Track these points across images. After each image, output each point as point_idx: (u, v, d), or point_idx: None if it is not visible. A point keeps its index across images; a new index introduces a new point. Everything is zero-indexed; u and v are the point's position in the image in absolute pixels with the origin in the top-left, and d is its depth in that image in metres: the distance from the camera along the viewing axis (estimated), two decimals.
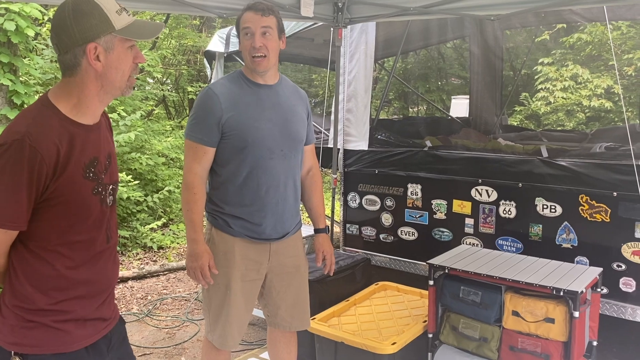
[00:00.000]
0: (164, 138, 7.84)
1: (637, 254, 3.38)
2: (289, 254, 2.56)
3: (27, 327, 1.52)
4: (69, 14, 1.48)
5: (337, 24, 4.31)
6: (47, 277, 1.53)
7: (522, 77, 9.69)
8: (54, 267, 1.53)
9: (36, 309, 1.53)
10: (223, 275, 2.43)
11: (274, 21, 2.36)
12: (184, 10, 3.56)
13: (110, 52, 1.52)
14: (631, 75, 7.89)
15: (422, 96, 11.25)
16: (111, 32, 1.51)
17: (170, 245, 6.24)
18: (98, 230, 1.61)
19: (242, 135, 2.35)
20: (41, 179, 1.44)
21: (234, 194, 2.42)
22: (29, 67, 5.22)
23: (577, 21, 6.23)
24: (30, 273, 1.52)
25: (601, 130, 5.30)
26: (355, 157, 4.62)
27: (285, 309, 2.61)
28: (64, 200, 1.50)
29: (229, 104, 2.35)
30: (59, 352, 1.55)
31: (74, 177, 1.51)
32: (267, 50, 2.33)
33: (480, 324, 2.97)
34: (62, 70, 1.54)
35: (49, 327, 1.54)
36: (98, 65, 1.51)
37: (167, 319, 4.35)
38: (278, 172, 2.43)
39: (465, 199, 4.03)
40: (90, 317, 1.62)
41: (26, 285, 1.52)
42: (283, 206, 2.47)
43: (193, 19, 10.79)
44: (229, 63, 5.62)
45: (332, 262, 2.71)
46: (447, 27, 5.83)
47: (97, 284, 1.64)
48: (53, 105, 1.52)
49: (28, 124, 1.46)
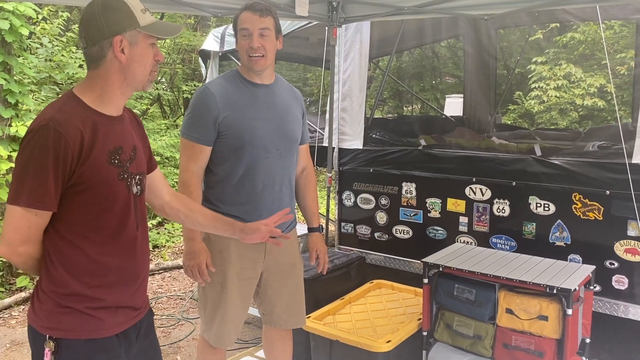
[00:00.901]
0: (159, 137, 7.83)
1: (629, 251, 3.41)
2: (285, 252, 2.56)
3: (62, 313, 1.59)
4: (98, 8, 1.58)
5: (332, 23, 4.32)
6: (79, 262, 1.59)
7: (515, 76, 9.72)
8: (84, 252, 1.59)
9: (70, 293, 1.59)
10: (219, 274, 2.44)
11: (272, 22, 2.37)
12: (179, 9, 3.56)
13: (134, 46, 1.61)
14: (624, 74, 7.93)
15: (416, 95, 11.27)
16: (136, 28, 1.61)
17: (165, 244, 6.23)
18: (126, 217, 1.67)
19: (239, 134, 2.36)
20: (67, 163, 1.51)
21: (230, 193, 2.43)
22: (24, 66, 5.19)
23: (570, 20, 6.27)
24: (63, 258, 1.58)
25: (594, 129, 5.32)
26: (350, 156, 4.63)
27: (281, 307, 2.62)
28: (91, 185, 1.56)
29: (225, 103, 2.36)
30: (92, 337, 1.61)
31: (99, 162, 1.57)
32: (264, 51, 2.35)
33: (475, 321, 2.99)
34: (88, 63, 1.63)
35: (83, 313, 1.60)
36: (123, 57, 1.60)
37: (163, 318, 4.35)
38: (274, 171, 2.44)
39: (460, 198, 4.05)
40: (122, 305, 1.68)
41: (60, 270, 1.58)
42: (279, 205, 2.47)
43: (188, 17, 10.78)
44: (224, 62, 5.62)
45: (325, 261, 2.72)
46: (441, 26, 5.85)
47: (128, 271, 1.69)
48: (77, 97, 1.60)
49: (54, 112, 1.54)
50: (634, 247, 3.38)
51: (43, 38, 6.41)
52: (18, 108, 5.06)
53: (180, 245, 6.26)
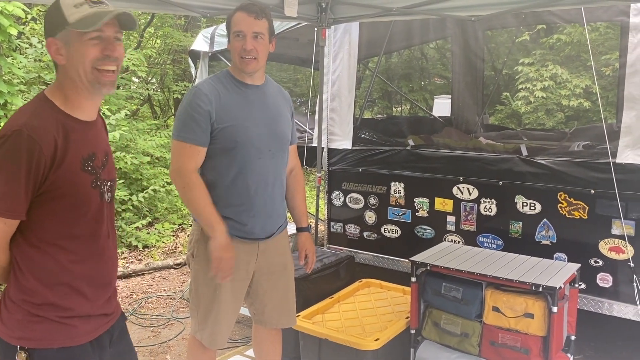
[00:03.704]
0: (149, 137, 7.81)
1: (613, 250, 3.46)
2: (276, 253, 2.58)
3: (34, 322, 1.54)
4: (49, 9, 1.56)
5: (321, 24, 4.35)
6: (51, 271, 1.55)
7: (503, 77, 9.80)
8: (57, 260, 1.55)
9: (42, 302, 1.55)
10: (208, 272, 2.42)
11: (266, 25, 2.36)
12: (169, 10, 3.57)
13: (69, 46, 1.53)
14: (609, 75, 8.02)
15: (405, 96, 11.34)
16: (65, 27, 1.52)
17: (155, 244, 6.23)
18: (99, 225, 1.64)
19: (231, 136, 2.35)
20: (39, 169, 1.47)
21: (222, 195, 2.40)
22: (13, 66, 5.17)
23: (556, 22, 6.33)
24: (34, 267, 1.54)
25: (579, 129, 5.40)
26: (339, 156, 4.66)
27: (272, 307, 2.64)
28: (63, 193, 1.52)
29: (218, 104, 2.33)
30: (65, 346, 1.58)
31: (72, 169, 1.53)
32: (257, 53, 2.34)
33: (462, 319, 3.03)
34: None
35: (55, 322, 1.56)
36: (61, 59, 1.55)
37: (152, 318, 4.36)
38: (266, 172, 2.44)
39: (447, 197, 4.09)
40: (95, 313, 1.65)
41: (31, 279, 1.54)
42: (271, 206, 2.49)
43: (178, 18, 10.75)
44: (214, 62, 5.62)
45: (312, 261, 2.73)
46: (429, 27, 5.89)
47: (100, 278, 1.67)
48: (50, 100, 1.55)
49: (26, 117, 1.49)
50: (618, 245, 3.44)
51: (32, 38, 6.38)
52: (7, 108, 5.04)
53: (170, 246, 6.26)
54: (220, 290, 2.43)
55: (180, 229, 6.84)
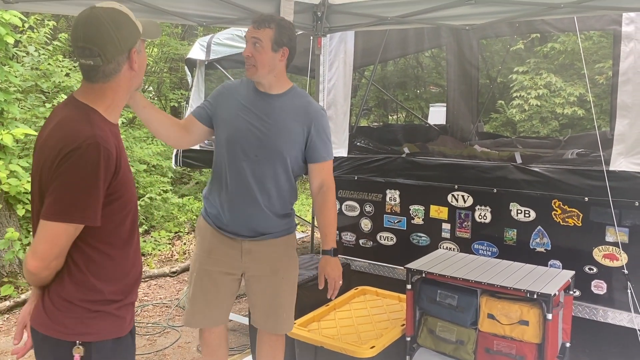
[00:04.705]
0: (146, 145, 7.82)
1: (608, 257, 3.48)
2: (266, 256, 2.60)
3: (92, 317, 1.64)
4: (110, 26, 1.60)
5: (317, 33, 4.37)
6: (107, 267, 1.65)
7: (497, 85, 9.85)
8: (111, 257, 1.65)
9: (101, 298, 1.65)
10: (195, 259, 2.68)
11: (267, 34, 2.43)
12: (165, 19, 3.58)
13: (139, 53, 1.69)
14: (602, 84, 8.07)
15: (400, 104, 11.38)
16: (139, 37, 1.67)
17: (151, 252, 6.22)
18: (136, 219, 1.75)
19: (220, 130, 2.54)
20: (108, 177, 1.57)
21: (213, 184, 2.61)
22: (9, 74, 5.18)
23: (549, 31, 6.38)
24: (93, 266, 1.63)
25: (573, 137, 5.42)
26: (335, 164, 4.65)
27: (260, 310, 2.68)
28: (120, 196, 1.63)
29: (225, 97, 2.56)
30: (118, 336, 1.70)
31: (126, 172, 1.65)
32: (254, 60, 2.44)
33: (457, 327, 3.04)
34: (97, 77, 1.63)
35: (111, 315, 1.67)
36: (136, 66, 1.68)
37: (148, 326, 4.35)
38: (248, 174, 2.50)
39: (442, 205, 4.11)
40: (133, 301, 1.77)
41: (89, 277, 1.62)
42: (254, 208, 2.53)
43: (175, 27, 10.79)
44: (210, 71, 5.65)
45: (334, 288, 2.63)
46: (424, 36, 5.92)
47: (138, 268, 1.78)
48: (96, 110, 1.64)
49: (91, 127, 1.57)
50: (612, 252, 3.46)
51: (29, 46, 6.39)
52: (3, 116, 5.05)
53: (167, 254, 6.26)
54: (196, 272, 2.65)
55: (176, 237, 6.84)
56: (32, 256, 1.56)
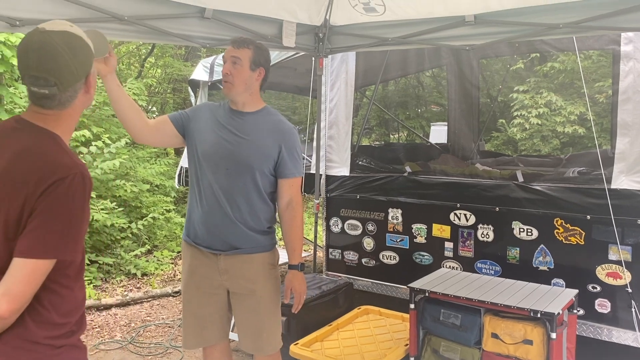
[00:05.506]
0: (149, 165, 7.85)
1: (611, 275, 3.48)
2: (243, 275, 2.60)
3: (58, 353, 1.54)
4: (66, 53, 1.47)
5: (319, 54, 4.42)
6: (69, 300, 1.57)
7: (498, 104, 9.90)
8: (71, 289, 1.57)
9: (65, 332, 1.56)
10: (182, 281, 2.77)
11: (247, 53, 2.53)
12: (169, 40, 3.63)
13: (93, 74, 1.61)
14: (602, 102, 8.11)
15: (402, 123, 11.42)
16: (93, 58, 1.59)
17: (154, 272, 6.21)
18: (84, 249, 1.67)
19: (194, 144, 2.59)
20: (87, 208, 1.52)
21: (190, 199, 2.67)
22: (15, 95, 5.24)
23: (549, 51, 6.44)
24: (56, 301, 1.52)
25: (575, 155, 5.44)
26: (337, 183, 4.69)
27: (242, 330, 2.69)
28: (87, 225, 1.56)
29: (203, 112, 2.65)
30: None
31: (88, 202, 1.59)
32: (232, 78, 2.53)
33: (461, 346, 3.02)
34: (52, 106, 1.53)
35: (75, 347, 1.60)
36: (92, 90, 1.60)
37: (151, 346, 4.33)
38: (218, 188, 2.54)
39: (445, 223, 4.12)
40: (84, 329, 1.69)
41: (52, 314, 1.52)
42: (224, 222, 2.54)
43: (178, 48, 10.90)
44: (213, 91, 5.71)
45: (299, 302, 2.70)
46: (425, 57, 5.99)
47: (85, 295, 1.70)
48: (58, 135, 1.55)
49: (69, 156, 1.51)
50: (615, 270, 3.46)
51: None
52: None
53: (169, 273, 6.25)
54: (184, 297, 2.73)
55: (178, 257, 6.83)
56: (7, 300, 1.39)
